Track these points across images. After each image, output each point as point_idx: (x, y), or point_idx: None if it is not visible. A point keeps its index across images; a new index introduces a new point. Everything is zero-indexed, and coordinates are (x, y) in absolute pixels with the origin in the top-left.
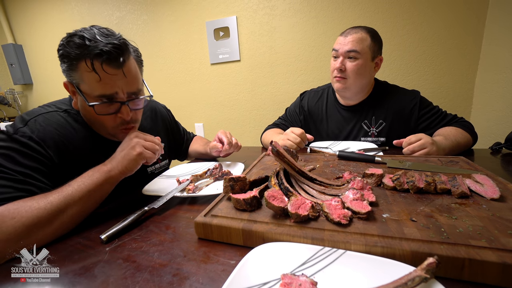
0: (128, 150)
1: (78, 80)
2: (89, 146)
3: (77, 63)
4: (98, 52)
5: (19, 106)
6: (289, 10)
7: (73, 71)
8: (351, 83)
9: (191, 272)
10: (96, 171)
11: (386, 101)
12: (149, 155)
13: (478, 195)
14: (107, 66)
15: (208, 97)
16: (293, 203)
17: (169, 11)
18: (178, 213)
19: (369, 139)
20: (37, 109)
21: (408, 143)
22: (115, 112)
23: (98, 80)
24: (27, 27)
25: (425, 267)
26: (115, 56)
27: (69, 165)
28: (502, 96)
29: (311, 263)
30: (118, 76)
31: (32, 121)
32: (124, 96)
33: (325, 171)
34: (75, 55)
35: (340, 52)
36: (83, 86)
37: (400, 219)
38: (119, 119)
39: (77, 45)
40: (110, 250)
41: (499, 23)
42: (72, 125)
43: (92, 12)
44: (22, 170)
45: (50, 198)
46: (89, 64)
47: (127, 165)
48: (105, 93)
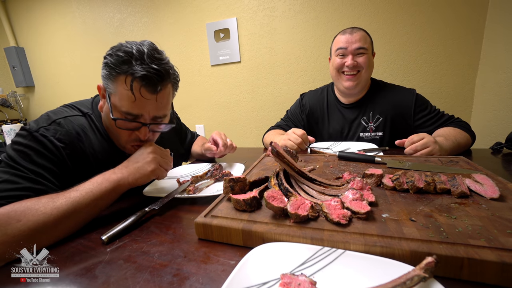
0: (143, 164)
1: (112, 90)
2: (105, 155)
3: (117, 76)
4: (141, 76)
5: (21, 108)
6: (289, 12)
7: (111, 81)
8: (364, 77)
9: (191, 272)
10: (105, 179)
11: (382, 97)
12: (162, 173)
13: (477, 195)
14: (144, 90)
15: (209, 99)
16: (292, 204)
17: (170, 13)
18: (179, 214)
19: (367, 134)
20: (62, 110)
21: (410, 142)
22: (134, 129)
23: (133, 100)
24: (29, 30)
25: (423, 266)
26: (155, 82)
27: (81, 170)
28: (502, 96)
29: (310, 263)
30: (150, 101)
31: (56, 122)
32: (148, 119)
33: (325, 172)
34: (118, 69)
35: (349, 50)
36: (114, 97)
37: (399, 219)
38: (134, 135)
39: (123, 60)
40: (111, 250)
41: (500, 23)
42: (93, 132)
43: (94, 15)
44: (35, 169)
45: (57, 204)
46: (128, 83)
47: (138, 178)
48: (132, 112)
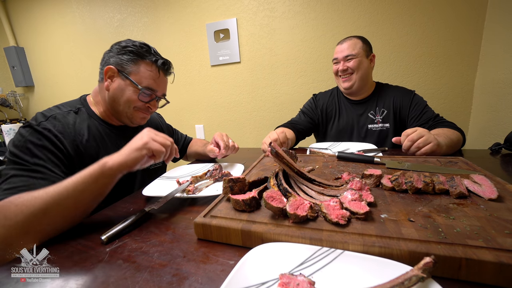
0: (135, 141)
1: (132, 70)
2: (100, 137)
3: (141, 60)
4: (163, 61)
5: (20, 108)
6: (289, 12)
7: (133, 63)
8: (355, 78)
9: (191, 272)
10: (95, 163)
11: (387, 94)
12: (156, 146)
13: (476, 196)
14: (162, 72)
15: (209, 99)
16: (291, 204)
17: (170, 14)
18: (178, 214)
19: (375, 126)
20: (54, 109)
21: (405, 135)
22: (149, 101)
23: (155, 78)
24: (29, 29)
25: (422, 266)
26: (168, 68)
27: (83, 157)
28: (501, 96)
29: (309, 263)
30: (164, 81)
31: (53, 116)
32: (160, 94)
33: (324, 172)
34: (142, 54)
35: (340, 58)
36: (135, 76)
37: (398, 220)
38: (143, 106)
39: (146, 50)
40: (111, 250)
41: (499, 23)
42: (86, 121)
43: (93, 15)
44: (37, 162)
45: (48, 189)
46: (153, 65)
47: (127, 156)
48: (152, 87)
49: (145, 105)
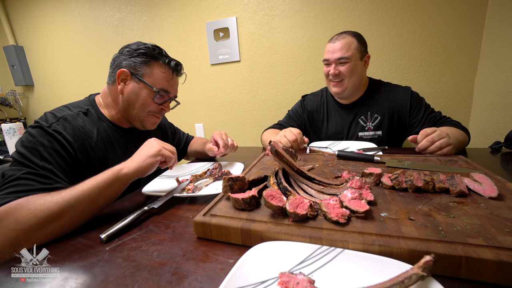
0: (147, 149)
1: (145, 72)
2: (109, 139)
3: (154, 62)
4: (176, 62)
5: (20, 107)
6: (288, 11)
7: (146, 65)
8: (347, 84)
9: (190, 271)
10: (109, 170)
11: (380, 96)
12: (168, 153)
13: (476, 194)
14: (175, 73)
15: (208, 98)
16: (291, 202)
17: (169, 12)
18: (178, 213)
19: (366, 134)
20: (63, 109)
21: (424, 135)
22: (162, 103)
23: (169, 79)
24: (29, 28)
25: (422, 265)
26: (180, 69)
27: (91, 160)
28: (502, 95)
29: (309, 261)
30: (176, 82)
31: (63, 118)
32: (173, 95)
33: (324, 171)
34: (155, 56)
35: (332, 60)
36: (148, 78)
37: (398, 218)
38: (157, 108)
39: (158, 52)
40: (110, 249)
41: (499, 22)
42: (96, 123)
43: (93, 14)
44: (46, 166)
45: (62, 193)
46: (167, 67)
47: (142, 162)
48: (166, 88)
49: (159, 107)
